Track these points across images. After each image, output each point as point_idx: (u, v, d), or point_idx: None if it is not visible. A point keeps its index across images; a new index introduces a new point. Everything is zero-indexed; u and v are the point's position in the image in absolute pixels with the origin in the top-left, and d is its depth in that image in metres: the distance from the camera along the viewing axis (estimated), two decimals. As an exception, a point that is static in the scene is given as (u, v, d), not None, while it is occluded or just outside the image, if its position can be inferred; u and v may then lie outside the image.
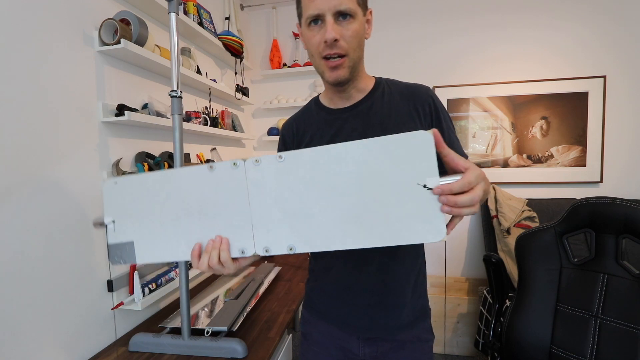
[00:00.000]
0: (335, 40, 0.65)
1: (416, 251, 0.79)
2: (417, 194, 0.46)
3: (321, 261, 0.84)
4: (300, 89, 2.45)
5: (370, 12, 0.72)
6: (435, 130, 0.45)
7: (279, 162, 0.47)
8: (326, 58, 0.67)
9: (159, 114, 1.28)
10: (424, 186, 0.45)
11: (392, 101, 0.75)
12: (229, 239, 0.52)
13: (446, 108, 0.80)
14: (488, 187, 0.49)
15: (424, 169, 0.45)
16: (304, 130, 0.82)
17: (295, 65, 2.38)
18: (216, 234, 0.53)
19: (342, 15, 0.64)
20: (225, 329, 1.07)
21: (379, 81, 0.79)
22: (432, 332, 0.83)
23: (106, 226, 0.57)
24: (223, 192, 0.51)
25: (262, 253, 0.51)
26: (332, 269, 0.80)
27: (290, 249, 0.50)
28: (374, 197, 0.47)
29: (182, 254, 0.55)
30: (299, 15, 0.70)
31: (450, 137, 0.73)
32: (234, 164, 0.49)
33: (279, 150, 0.86)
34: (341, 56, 0.67)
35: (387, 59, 2.29)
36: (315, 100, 0.84)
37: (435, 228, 0.45)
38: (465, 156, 0.74)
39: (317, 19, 0.65)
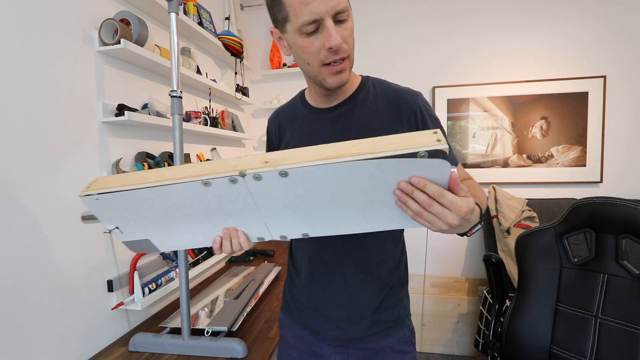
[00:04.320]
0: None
1: (386, 262, 0.74)
2: None
3: (294, 265, 0.82)
4: (300, 89, 2.45)
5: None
6: (454, 171, 0.42)
7: (282, 177, 0.43)
8: (327, 64, 0.63)
9: (159, 114, 1.28)
10: None
11: (375, 105, 0.70)
12: (244, 232, 0.54)
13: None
14: (467, 223, 0.46)
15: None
16: (286, 126, 0.79)
17: (295, 65, 2.37)
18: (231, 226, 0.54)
19: (338, 14, 0.59)
20: (225, 329, 1.07)
21: (365, 81, 0.74)
22: (411, 344, 0.78)
23: (110, 232, 0.55)
24: (227, 202, 0.49)
25: (279, 239, 0.54)
26: (301, 274, 0.79)
27: (304, 235, 0.53)
28: (378, 199, 0.46)
29: (201, 243, 0.57)
30: (282, 20, 0.61)
31: None
32: (232, 180, 0.44)
33: (266, 143, 0.87)
34: (343, 59, 0.63)
35: (386, 59, 2.29)
36: (301, 96, 0.81)
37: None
38: (456, 162, 0.71)
39: (313, 24, 0.59)
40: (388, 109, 0.70)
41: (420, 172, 0.41)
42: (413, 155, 0.39)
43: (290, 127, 0.78)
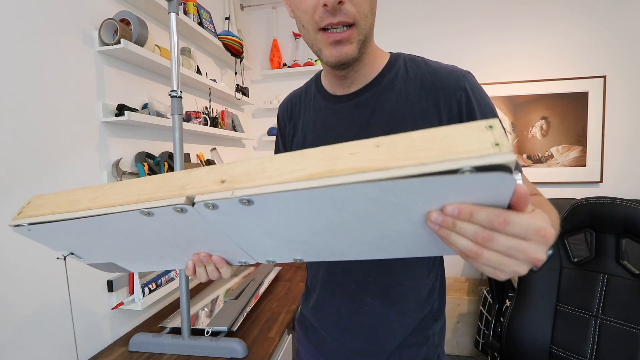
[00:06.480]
0: (340, 2, 0.46)
1: (416, 291, 0.62)
2: None
3: (309, 277, 0.74)
4: (300, 89, 2.45)
5: None
6: (520, 183, 0.24)
7: (245, 207, 0.30)
8: (325, 29, 0.49)
9: (159, 114, 1.28)
10: None
11: (405, 92, 0.55)
12: (221, 257, 0.42)
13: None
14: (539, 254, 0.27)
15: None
16: (299, 114, 0.67)
17: (295, 65, 2.38)
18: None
19: None
20: (225, 329, 1.07)
21: (394, 60, 0.60)
22: None
23: (65, 258, 0.44)
24: (185, 231, 0.36)
25: (265, 262, 0.43)
26: (314, 291, 0.71)
27: (297, 260, 0.41)
28: (397, 229, 0.32)
29: (173, 266, 0.46)
30: None
31: None
32: (179, 209, 0.31)
33: (277, 134, 0.76)
34: (348, 26, 0.48)
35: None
36: (316, 78, 0.67)
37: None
38: (518, 169, 0.48)
39: None
40: (422, 96, 0.54)
41: (461, 192, 0.25)
42: (451, 173, 0.23)
43: (303, 116, 0.65)
